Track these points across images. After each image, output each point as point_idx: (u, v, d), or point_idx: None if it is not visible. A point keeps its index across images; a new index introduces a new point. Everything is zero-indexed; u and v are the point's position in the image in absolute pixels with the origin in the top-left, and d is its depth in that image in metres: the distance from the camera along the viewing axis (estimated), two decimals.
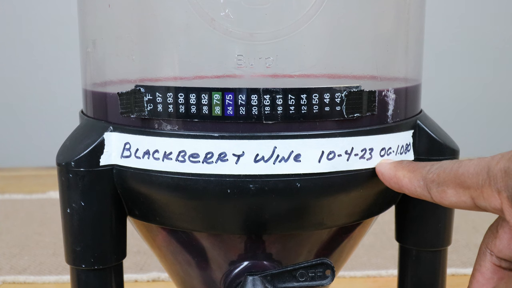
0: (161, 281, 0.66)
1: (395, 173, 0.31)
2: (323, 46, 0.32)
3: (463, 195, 0.29)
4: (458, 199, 0.29)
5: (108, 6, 0.32)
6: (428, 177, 0.30)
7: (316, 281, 0.32)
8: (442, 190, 0.29)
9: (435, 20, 1.21)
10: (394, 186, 0.31)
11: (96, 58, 0.34)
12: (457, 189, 0.29)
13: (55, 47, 1.24)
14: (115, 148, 0.32)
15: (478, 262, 0.32)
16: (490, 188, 0.28)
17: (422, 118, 0.35)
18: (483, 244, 0.32)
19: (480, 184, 0.28)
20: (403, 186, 0.31)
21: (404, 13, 0.34)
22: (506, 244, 0.31)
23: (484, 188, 0.28)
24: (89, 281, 0.34)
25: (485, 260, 0.32)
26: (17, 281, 0.66)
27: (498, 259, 0.32)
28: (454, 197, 0.29)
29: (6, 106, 1.27)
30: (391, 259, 0.70)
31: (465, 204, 0.29)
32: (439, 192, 0.29)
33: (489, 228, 0.32)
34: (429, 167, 0.30)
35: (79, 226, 0.33)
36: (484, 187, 0.28)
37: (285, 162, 0.30)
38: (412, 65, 0.35)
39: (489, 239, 0.32)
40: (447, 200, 0.29)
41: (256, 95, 0.29)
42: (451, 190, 0.29)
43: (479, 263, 0.32)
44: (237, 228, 0.32)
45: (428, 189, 0.30)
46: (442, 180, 0.29)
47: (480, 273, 0.32)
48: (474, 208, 0.29)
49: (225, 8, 0.29)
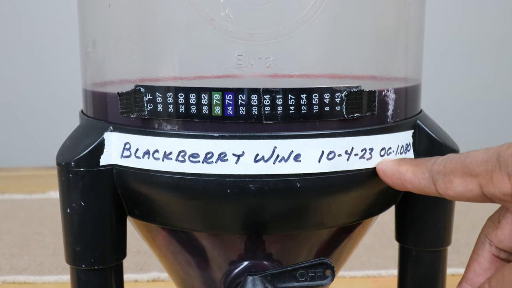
0: (161, 281, 0.66)
1: (398, 168, 0.31)
2: (323, 46, 0.32)
3: (471, 183, 0.28)
4: (465, 188, 0.29)
5: (108, 6, 0.32)
6: (434, 168, 0.30)
7: (316, 281, 0.32)
8: (448, 180, 0.29)
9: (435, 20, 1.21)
10: (396, 182, 0.31)
11: (96, 58, 0.34)
12: (465, 178, 0.29)
13: (55, 47, 1.24)
14: (115, 148, 0.32)
15: (476, 252, 0.32)
16: (501, 172, 0.28)
17: (422, 118, 0.35)
18: (482, 234, 0.32)
19: (490, 170, 0.28)
20: (406, 181, 0.31)
21: (404, 13, 0.34)
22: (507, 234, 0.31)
23: (494, 173, 0.28)
24: (89, 281, 0.34)
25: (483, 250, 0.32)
26: (17, 281, 0.66)
27: (498, 249, 0.32)
28: (461, 186, 0.29)
29: (6, 106, 1.28)
30: (391, 259, 0.70)
31: (471, 193, 0.29)
32: (445, 182, 0.29)
33: (490, 218, 0.32)
34: (434, 160, 0.30)
35: (79, 226, 0.33)
36: (494, 173, 0.28)
37: (285, 162, 0.30)
38: (412, 65, 0.35)
39: (490, 229, 0.32)
40: (453, 191, 0.29)
41: (256, 95, 0.29)
42: (458, 180, 0.29)
43: (477, 252, 0.32)
44: (237, 228, 0.32)
45: (433, 180, 0.30)
46: (449, 170, 0.29)
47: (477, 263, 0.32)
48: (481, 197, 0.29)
49: (225, 8, 0.29)
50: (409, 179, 0.31)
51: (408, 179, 0.31)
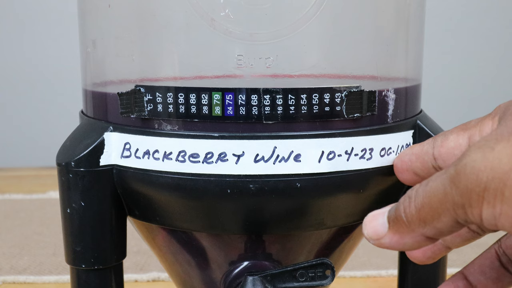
0: (161, 281, 0.66)
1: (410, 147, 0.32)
2: (323, 46, 0.32)
3: (462, 137, 0.29)
4: (456, 143, 0.29)
5: (108, 6, 0.32)
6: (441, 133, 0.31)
7: (316, 281, 0.32)
8: (445, 138, 0.30)
9: (435, 20, 1.21)
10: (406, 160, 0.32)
11: (96, 58, 0.34)
12: (458, 133, 0.30)
13: (55, 46, 1.24)
14: (115, 148, 0.32)
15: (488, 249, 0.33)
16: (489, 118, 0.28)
17: (422, 118, 0.35)
18: None
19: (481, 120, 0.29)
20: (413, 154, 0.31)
21: (404, 13, 0.34)
22: None
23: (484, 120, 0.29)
24: (89, 281, 0.34)
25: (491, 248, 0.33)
26: (17, 281, 0.66)
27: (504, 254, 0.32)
28: (453, 141, 0.29)
29: (6, 106, 1.28)
30: (391, 259, 0.70)
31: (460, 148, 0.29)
32: (442, 140, 0.30)
33: None
34: None
35: (79, 226, 0.33)
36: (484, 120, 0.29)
37: (285, 162, 0.30)
38: (412, 65, 0.35)
39: None
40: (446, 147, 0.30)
41: (256, 95, 0.29)
42: (452, 136, 0.30)
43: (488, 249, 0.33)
44: (237, 228, 0.32)
45: (434, 142, 0.31)
46: (449, 131, 0.30)
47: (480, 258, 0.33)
48: None
49: (225, 8, 0.29)
50: (415, 151, 0.31)
51: (415, 151, 0.31)
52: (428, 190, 0.25)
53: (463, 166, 0.23)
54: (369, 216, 0.28)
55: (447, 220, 0.24)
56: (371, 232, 0.27)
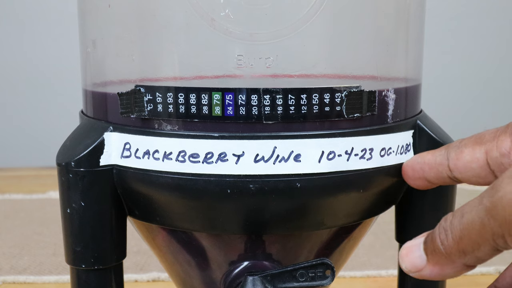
0: (161, 281, 0.66)
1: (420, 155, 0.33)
2: (323, 46, 0.32)
3: (479, 151, 0.30)
4: (473, 157, 0.30)
5: (108, 6, 0.32)
6: (451, 144, 0.31)
7: (316, 281, 0.32)
8: (460, 151, 0.30)
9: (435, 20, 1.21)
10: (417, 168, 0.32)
11: (96, 58, 0.34)
12: (474, 147, 0.30)
13: (55, 46, 1.24)
14: (115, 148, 0.32)
15: None
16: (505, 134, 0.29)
17: (422, 118, 0.35)
18: None
19: (497, 134, 0.29)
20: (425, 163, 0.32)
21: (404, 13, 0.34)
22: None
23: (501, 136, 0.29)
24: (89, 281, 0.34)
25: None
26: (17, 281, 0.66)
27: None
28: (469, 155, 0.30)
29: (6, 106, 1.28)
30: (391, 259, 0.70)
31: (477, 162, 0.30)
32: (457, 153, 0.30)
33: None
34: None
35: (79, 226, 0.33)
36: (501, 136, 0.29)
37: (285, 162, 0.30)
38: (412, 65, 0.35)
39: None
40: (462, 160, 0.30)
41: (256, 95, 0.29)
42: (468, 149, 0.30)
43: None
44: (237, 228, 0.32)
45: (447, 154, 0.31)
46: (463, 144, 0.30)
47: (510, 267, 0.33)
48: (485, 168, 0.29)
49: (225, 8, 0.29)
50: (427, 160, 0.32)
51: (427, 160, 0.32)
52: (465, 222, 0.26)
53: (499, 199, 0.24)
54: (404, 249, 0.29)
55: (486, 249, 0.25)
56: (409, 265, 0.28)
